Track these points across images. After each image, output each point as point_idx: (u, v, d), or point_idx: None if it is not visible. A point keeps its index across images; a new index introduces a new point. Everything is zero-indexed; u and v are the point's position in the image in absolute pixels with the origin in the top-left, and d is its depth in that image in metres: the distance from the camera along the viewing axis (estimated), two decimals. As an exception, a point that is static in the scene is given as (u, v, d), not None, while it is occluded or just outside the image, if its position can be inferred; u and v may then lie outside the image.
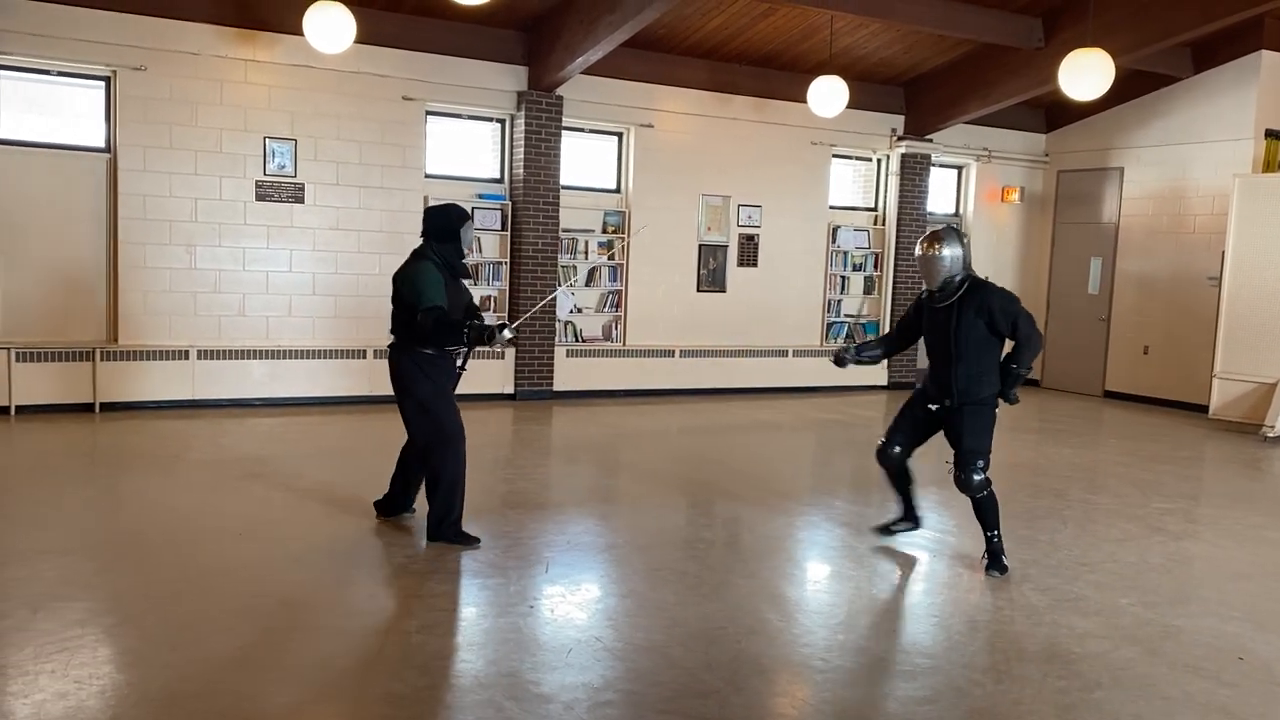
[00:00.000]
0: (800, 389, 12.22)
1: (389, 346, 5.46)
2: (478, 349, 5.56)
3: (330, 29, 8.12)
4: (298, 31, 8.50)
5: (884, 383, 12.89)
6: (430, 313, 5.12)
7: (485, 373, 10.57)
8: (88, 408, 8.92)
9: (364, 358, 9.94)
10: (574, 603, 4.69)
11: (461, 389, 11.01)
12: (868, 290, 12.93)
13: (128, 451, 7.57)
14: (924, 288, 5.48)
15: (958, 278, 5.28)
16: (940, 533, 6.16)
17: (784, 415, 10.61)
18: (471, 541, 5.38)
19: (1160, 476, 8.11)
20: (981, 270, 5.58)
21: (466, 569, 5.08)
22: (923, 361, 13.32)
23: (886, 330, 5.47)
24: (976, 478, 5.26)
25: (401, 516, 5.89)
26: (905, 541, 5.96)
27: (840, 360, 5.83)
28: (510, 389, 10.70)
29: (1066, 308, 13.57)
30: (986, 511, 5.33)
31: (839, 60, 11.16)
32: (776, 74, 11.66)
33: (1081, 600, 4.95)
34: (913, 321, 5.67)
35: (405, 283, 5.26)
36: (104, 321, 9.21)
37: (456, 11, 9.33)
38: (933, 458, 6.04)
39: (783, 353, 12.22)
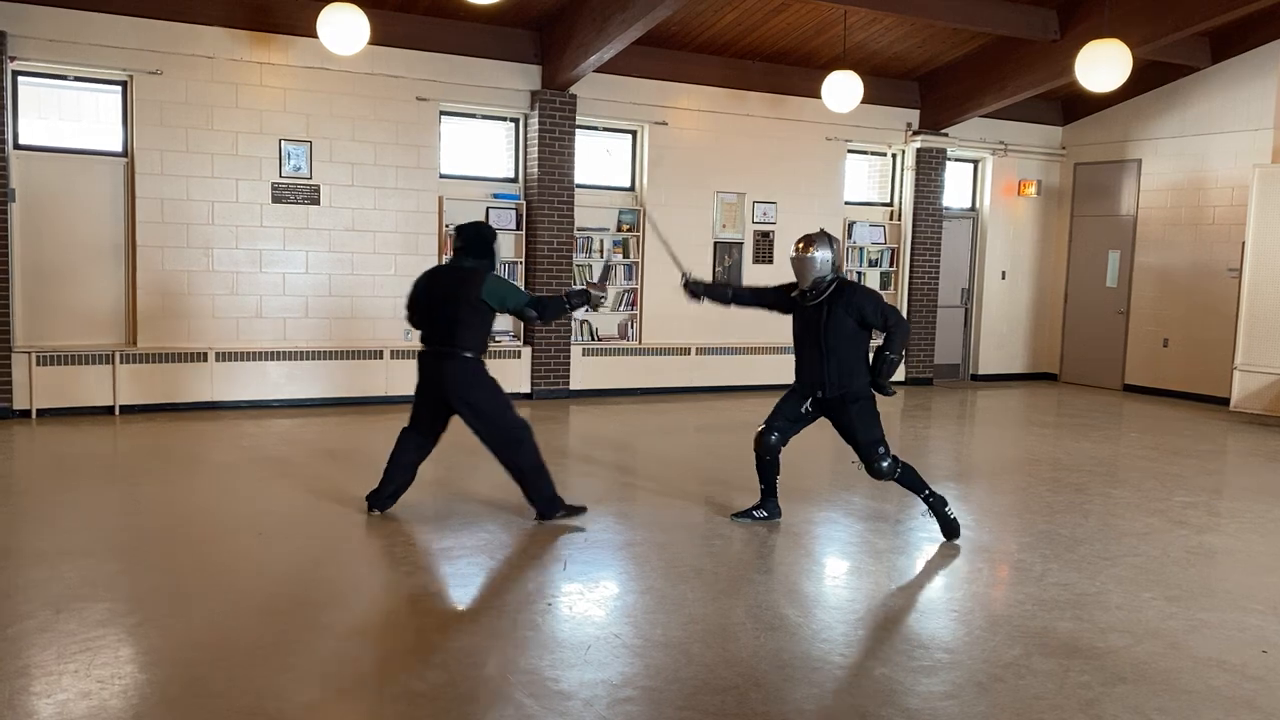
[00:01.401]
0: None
1: (437, 355, 5.75)
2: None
3: (344, 31, 8.14)
4: (312, 34, 8.53)
5: (901, 378, 12.84)
6: (533, 304, 5.84)
7: (502, 372, 10.53)
8: (108, 410, 8.98)
9: (380, 358, 9.97)
10: (592, 600, 4.69)
11: (478, 388, 10.96)
12: (884, 285, 12.87)
13: (148, 454, 7.62)
14: (797, 288, 5.83)
15: (828, 278, 5.64)
16: (959, 527, 6.13)
17: (801, 412, 10.56)
18: (578, 511, 5.96)
19: (1182, 470, 8.04)
20: (998, 265, 5.69)
21: (485, 567, 5.09)
22: (940, 355, 13.31)
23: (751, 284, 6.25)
24: (884, 464, 5.59)
25: (390, 511, 6.01)
26: (925, 537, 5.93)
27: (694, 291, 6.10)
28: (527, 388, 10.71)
29: (1085, 301, 13.49)
30: (910, 482, 5.69)
31: (853, 55, 11.11)
32: (790, 70, 11.63)
33: (1104, 594, 4.91)
34: (779, 299, 5.99)
35: (492, 297, 5.72)
36: (123, 325, 9.27)
37: (469, 12, 9.35)
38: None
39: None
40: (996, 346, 13.72)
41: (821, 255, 5.62)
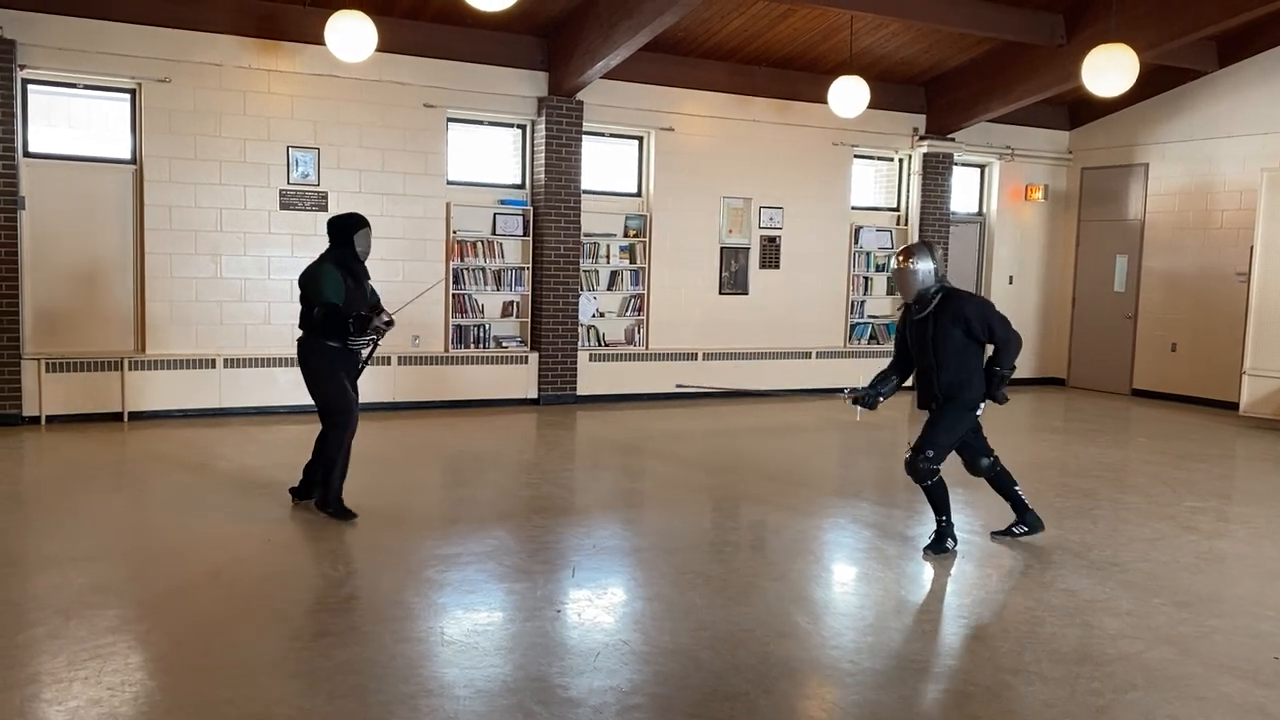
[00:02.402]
0: (823, 390, 12.16)
1: (297, 340, 6.01)
2: (378, 341, 6.15)
3: (351, 38, 8.16)
4: (319, 41, 8.55)
5: (908, 384, 12.79)
6: (324, 308, 5.72)
7: (509, 378, 10.62)
8: (116, 417, 9.01)
9: (388, 364, 9.99)
10: (601, 606, 4.68)
11: (484, 394, 11.10)
12: (890, 291, 12.86)
13: (156, 460, 7.64)
14: (901, 301, 5.70)
15: (932, 289, 5.48)
16: (968, 533, 6.12)
17: (808, 417, 10.56)
18: (347, 515, 5.92)
19: (1191, 475, 8.02)
20: (1005, 270, 5.67)
21: (493, 574, 5.09)
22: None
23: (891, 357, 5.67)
24: (921, 465, 5.49)
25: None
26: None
27: (869, 403, 5.96)
28: (534, 394, 10.72)
29: (1092, 306, 13.46)
30: (935, 499, 5.61)
31: (859, 60, 11.11)
32: (797, 75, 11.64)
33: (1113, 600, 4.89)
34: (906, 336, 5.81)
35: (308, 281, 5.84)
36: (131, 331, 9.30)
37: (476, 19, 9.36)
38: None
39: (806, 354, 12.17)
40: (1004, 351, 13.66)
41: (924, 267, 5.44)
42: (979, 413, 5.60)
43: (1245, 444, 9.65)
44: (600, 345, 11.20)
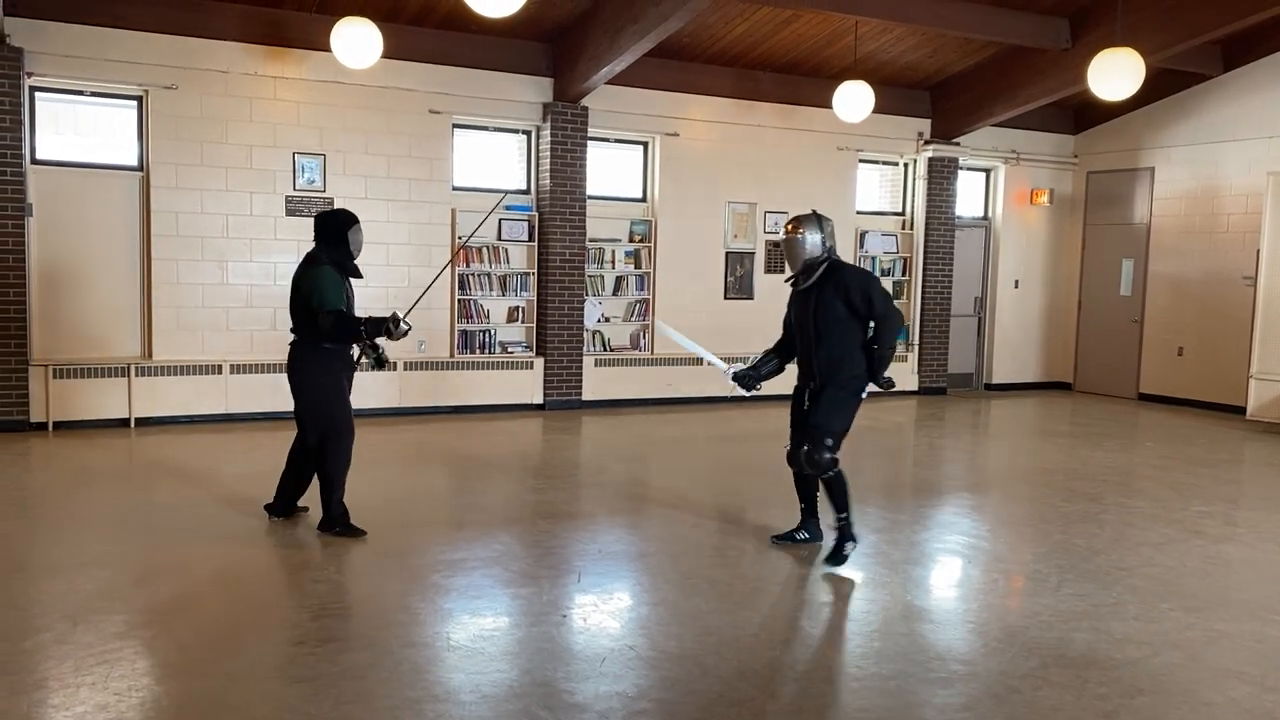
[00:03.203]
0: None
1: (289, 345, 5.80)
2: (376, 346, 5.84)
3: (357, 45, 8.19)
4: (325, 48, 8.58)
5: (914, 387, 12.81)
6: (331, 314, 5.50)
7: (514, 383, 10.62)
8: (123, 423, 9.03)
9: (393, 370, 10.00)
10: (607, 612, 4.68)
11: (490, 399, 11.10)
12: (896, 295, 12.85)
13: (163, 466, 7.65)
14: (788, 273, 5.60)
15: (819, 259, 5.38)
16: (975, 538, 6.11)
17: (814, 422, 10.54)
18: (356, 532, 5.70)
19: (1198, 479, 7.99)
20: (1011, 274, 5.62)
21: (499, 579, 5.10)
22: (954, 364, 13.28)
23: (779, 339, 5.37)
24: (823, 455, 5.29)
25: (296, 515, 6.08)
26: (939, 548, 5.92)
27: (748, 384, 5.68)
28: (539, 399, 10.72)
29: (1098, 310, 13.44)
30: (834, 493, 5.39)
31: (864, 65, 11.12)
32: (801, 80, 11.65)
33: (1120, 605, 4.88)
34: (791, 314, 5.64)
35: (306, 286, 5.58)
36: (138, 338, 9.32)
37: (481, 25, 9.38)
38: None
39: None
40: (1010, 356, 13.67)
41: (812, 238, 5.36)
42: (864, 395, 5.42)
43: (1252, 448, 9.62)
44: (605, 350, 11.21)
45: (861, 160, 12.46)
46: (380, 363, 5.79)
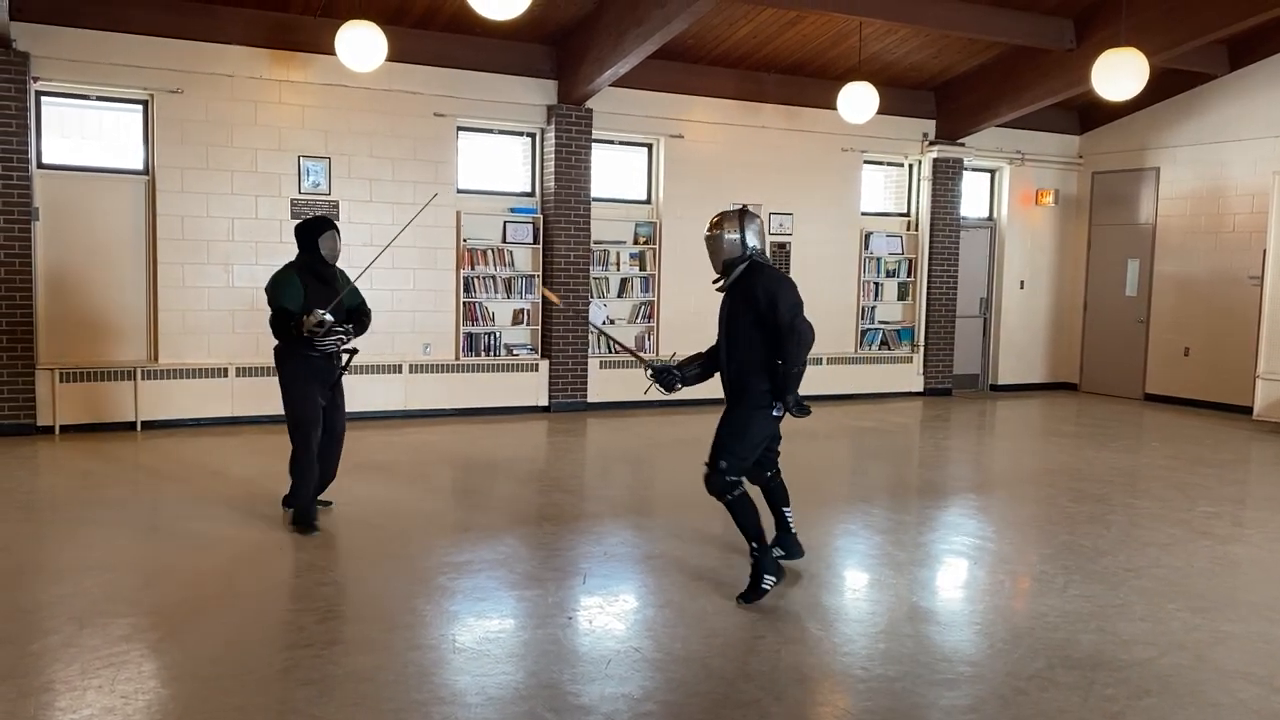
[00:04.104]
0: (835, 396, 12.16)
1: (275, 348, 6.01)
2: (354, 350, 6.17)
3: (362, 48, 8.20)
4: (330, 51, 8.60)
5: (919, 389, 12.79)
6: (277, 312, 5.81)
7: (519, 385, 10.63)
8: (129, 426, 9.05)
9: (399, 373, 10.02)
10: (612, 614, 4.68)
11: (496, 401, 11.09)
12: (902, 296, 12.85)
13: (169, 469, 7.66)
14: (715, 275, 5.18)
15: (738, 258, 4.93)
16: (981, 539, 6.10)
17: (819, 423, 10.52)
18: (308, 530, 5.84)
19: (1205, 480, 7.97)
20: (1016, 275, 5.52)
21: (505, 581, 5.10)
22: (959, 365, 13.27)
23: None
24: (717, 478, 4.83)
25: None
26: (945, 549, 5.91)
27: (666, 382, 5.34)
28: (545, 401, 10.73)
29: (1104, 310, 13.41)
30: (737, 520, 4.86)
31: (868, 66, 11.12)
32: (806, 82, 11.64)
33: (1127, 606, 4.87)
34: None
35: (269, 287, 5.90)
36: (144, 341, 9.34)
37: (486, 27, 9.40)
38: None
39: (817, 361, 12.15)
40: (1015, 356, 13.65)
41: (729, 235, 4.93)
42: (778, 414, 4.87)
43: (1259, 448, 9.60)
44: (610, 352, 11.21)
45: (866, 161, 12.45)
46: (325, 330, 5.79)
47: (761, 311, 4.74)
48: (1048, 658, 4.19)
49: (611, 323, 11.22)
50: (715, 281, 5.12)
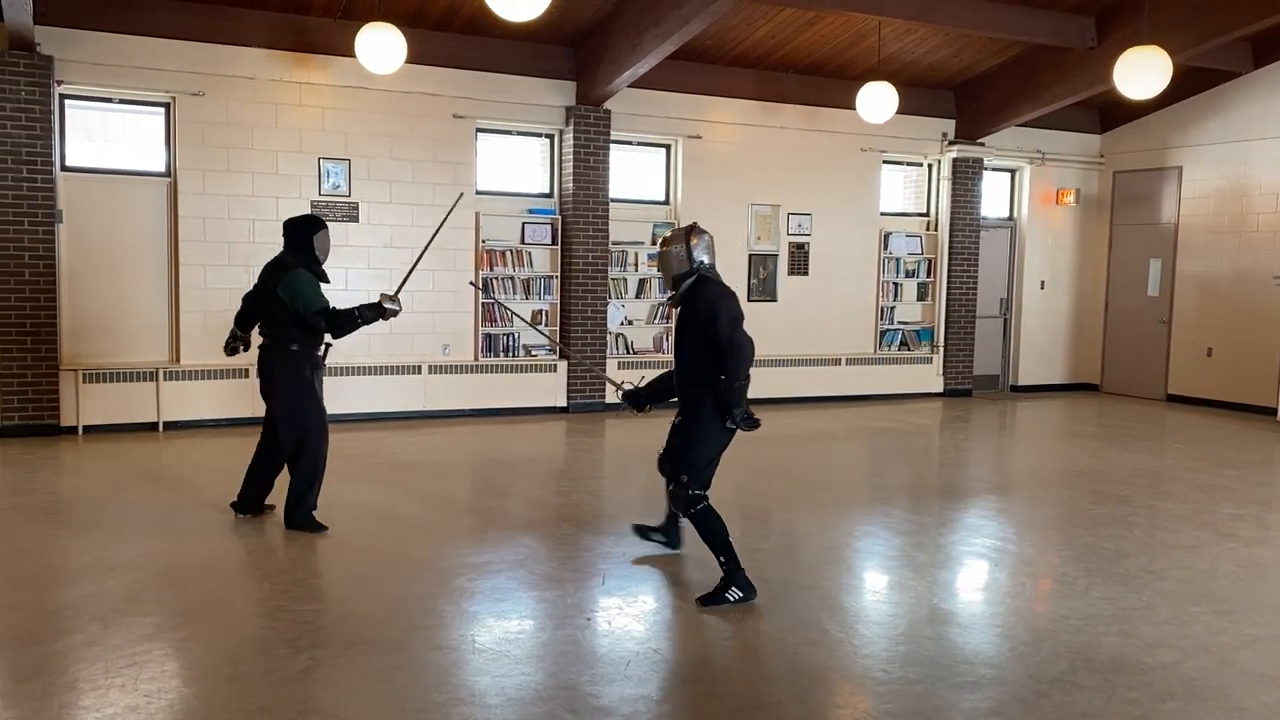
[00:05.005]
0: (853, 397, 12.12)
1: (260, 348, 5.95)
2: (330, 346, 6.10)
3: (381, 50, 8.23)
4: (350, 54, 8.63)
5: (939, 390, 12.73)
6: (322, 313, 5.72)
7: (538, 386, 10.64)
8: (151, 427, 9.11)
9: (419, 373, 10.05)
10: (631, 615, 4.68)
11: (514, 403, 11.09)
12: (921, 297, 12.79)
13: (191, 469, 7.71)
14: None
15: (685, 273, 4.98)
16: (1001, 541, 6.07)
17: (837, 424, 10.52)
18: (320, 528, 5.84)
19: (1229, 481, 7.90)
20: (1037, 275, 5.49)
21: (524, 582, 5.10)
22: (979, 366, 13.19)
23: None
24: (683, 491, 4.88)
25: (262, 513, 6.21)
26: (965, 551, 5.88)
27: (637, 403, 5.60)
28: (563, 402, 10.74)
29: (1125, 310, 13.31)
30: (703, 534, 4.88)
31: (887, 66, 11.08)
32: (825, 82, 11.61)
33: (1151, 609, 4.83)
34: None
35: (285, 291, 5.72)
36: (166, 342, 9.41)
37: (504, 29, 9.42)
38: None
39: (835, 361, 12.12)
40: (1036, 357, 13.57)
41: (676, 251, 4.97)
42: (730, 427, 4.86)
43: (1284, 450, 9.50)
44: (629, 353, 11.21)
45: (885, 161, 12.40)
46: (383, 313, 5.85)
47: (704, 324, 4.81)
48: (1070, 660, 4.16)
49: (630, 323, 11.22)
50: (669, 298, 5.20)
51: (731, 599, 4.77)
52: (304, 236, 5.88)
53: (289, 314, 5.77)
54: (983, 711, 3.70)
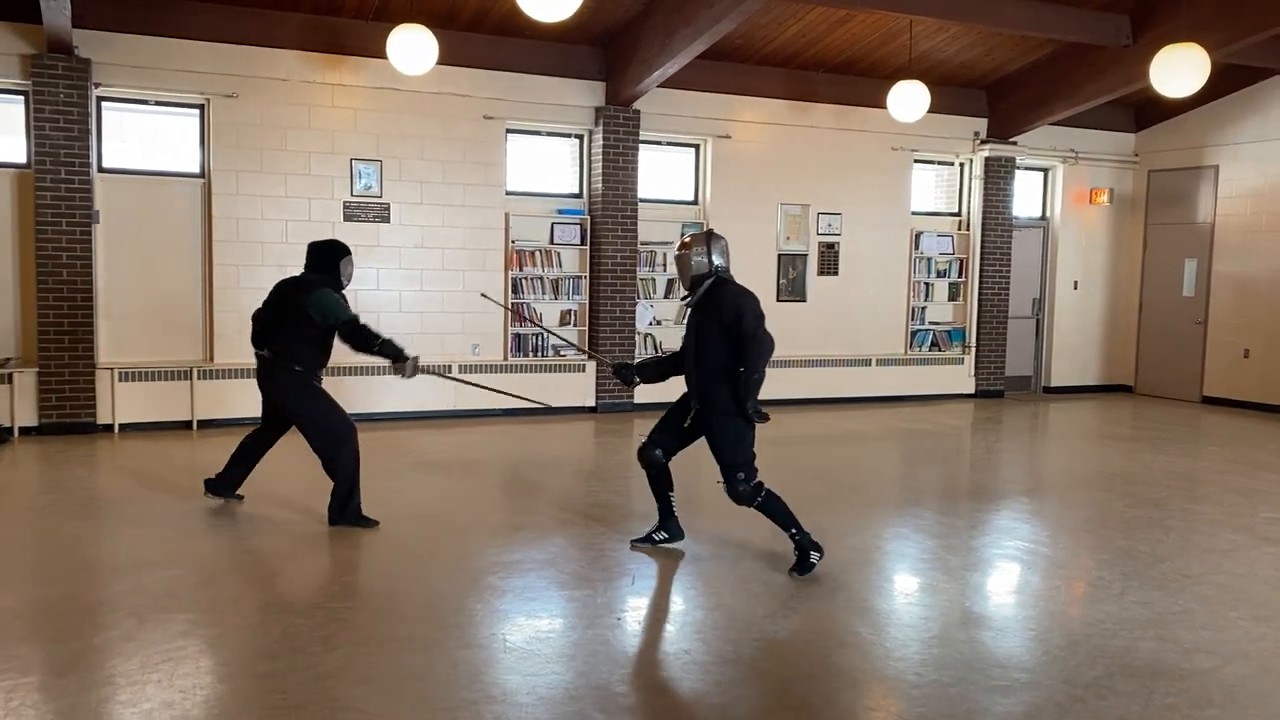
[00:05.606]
0: (884, 398, 12.06)
1: (259, 359, 6.06)
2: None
3: (413, 51, 8.28)
4: (381, 55, 8.69)
5: (970, 391, 12.64)
6: (352, 323, 5.80)
7: (567, 386, 10.66)
8: (186, 425, 9.22)
9: (449, 372, 10.09)
10: (661, 615, 4.68)
11: (544, 401, 11.05)
12: (952, 297, 12.71)
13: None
14: (683, 291, 5.61)
15: (704, 275, 5.32)
16: (1034, 544, 6.02)
17: (868, 425, 10.46)
18: (369, 523, 5.97)
19: (1267, 484, 7.79)
20: (1070, 275, 5.48)
21: (554, 581, 5.11)
22: (1011, 367, 13.07)
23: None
24: (740, 489, 5.23)
25: (231, 500, 6.44)
26: (998, 553, 5.83)
27: (626, 378, 5.83)
28: (592, 402, 10.75)
29: (1160, 311, 13.16)
30: (773, 514, 5.30)
31: (919, 64, 11.01)
32: (855, 80, 11.56)
33: (1187, 614, 4.77)
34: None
35: (315, 303, 5.80)
36: (200, 341, 9.51)
37: (535, 30, 9.45)
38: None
39: (866, 362, 12.06)
40: (1069, 358, 13.44)
41: (697, 255, 5.30)
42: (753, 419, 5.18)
43: (1324, 453, 9.35)
44: (658, 352, 11.20)
45: (917, 160, 12.33)
46: (400, 365, 5.89)
47: (727, 323, 5.14)
48: (1105, 665, 4.12)
49: (658, 323, 11.22)
50: (684, 298, 5.54)
51: (815, 561, 5.25)
52: (332, 259, 5.97)
53: (307, 331, 5.83)
54: (1017, 715, 3.67)
